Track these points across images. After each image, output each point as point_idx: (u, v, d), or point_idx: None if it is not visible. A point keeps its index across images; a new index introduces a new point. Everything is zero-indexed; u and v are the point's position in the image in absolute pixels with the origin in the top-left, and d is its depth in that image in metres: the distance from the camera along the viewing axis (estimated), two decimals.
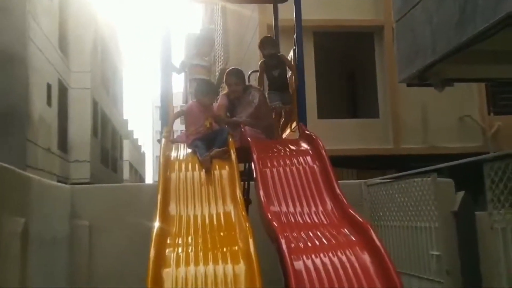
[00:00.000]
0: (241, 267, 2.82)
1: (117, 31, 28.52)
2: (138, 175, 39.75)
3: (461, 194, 7.84)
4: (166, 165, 4.00)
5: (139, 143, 43.96)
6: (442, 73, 5.49)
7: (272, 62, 5.15)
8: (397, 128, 11.66)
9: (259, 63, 5.35)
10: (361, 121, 12.37)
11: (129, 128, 36.04)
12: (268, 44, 5.25)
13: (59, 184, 7.73)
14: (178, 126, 5.97)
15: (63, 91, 16.22)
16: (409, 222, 6.47)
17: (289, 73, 5.41)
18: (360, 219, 3.20)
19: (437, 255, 5.70)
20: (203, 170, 4.00)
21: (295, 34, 5.15)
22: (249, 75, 6.12)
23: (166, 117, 4.90)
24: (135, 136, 40.50)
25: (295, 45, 5.18)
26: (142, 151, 45.84)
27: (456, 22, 4.71)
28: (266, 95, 5.29)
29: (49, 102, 14.46)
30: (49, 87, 14.50)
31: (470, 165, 6.19)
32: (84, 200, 7.13)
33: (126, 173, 30.17)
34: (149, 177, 47.92)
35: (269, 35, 6.00)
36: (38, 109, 13.31)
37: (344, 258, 2.92)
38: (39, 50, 13.62)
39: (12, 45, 12.38)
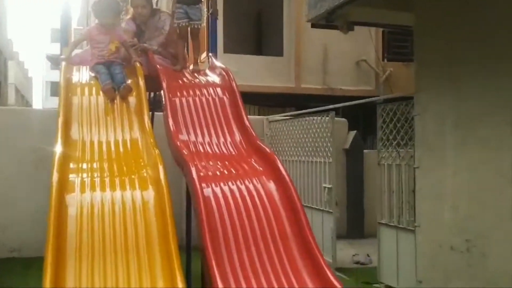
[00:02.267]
0: (150, 193, 2.81)
1: None
2: (24, 100, 36.82)
3: (353, 133, 8.47)
4: (67, 88, 3.75)
5: (25, 66, 40.42)
6: (348, 15, 5.66)
7: None
8: (298, 67, 11.95)
9: None
10: (265, 58, 12.45)
11: (14, 49, 32.84)
12: None
13: None
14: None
15: None
16: (306, 157, 6.86)
17: None
18: (268, 150, 3.33)
19: (329, 187, 6.15)
20: None
21: None
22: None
23: (66, 37, 4.56)
24: (21, 59, 37.08)
25: None
26: (29, 76, 42.30)
27: None
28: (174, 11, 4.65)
29: None
30: None
31: (361, 107, 6.65)
32: None
33: (11, 98, 27.76)
34: (38, 103, 44.62)
35: None
36: None
37: (251, 186, 3.04)
38: None
39: None
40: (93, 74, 4.09)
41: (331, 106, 6.44)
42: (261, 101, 11.71)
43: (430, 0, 4.55)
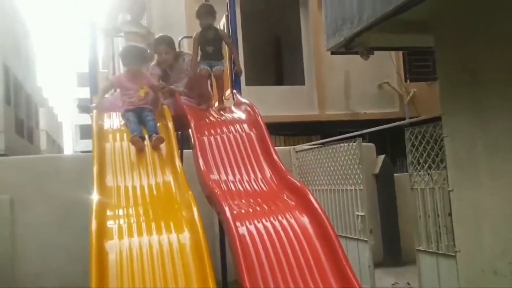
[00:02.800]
0: (186, 235, 2.84)
1: None
2: (56, 145, 37.89)
3: (381, 157, 8.37)
4: (99, 135, 3.87)
5: (55, 112, 41.76)
6: (367, 41, 5.70)
7: (208, 35, 4.75)
8: (321, 95, 12.01)
9: (194, 35, 4.93)
10: (287, 88, 12.58)
11: (44, 95, 34.03)
12: (206, 14, 4.76)
13: None
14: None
15: None
16: (336, 185, 6.80)
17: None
18: (298, 184, 3.34)
19: (361, 215, 6.07)
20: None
21: None
22: (180, 40, 5.98)
23: (95, 84, 4.72)
24: (50, 104, 38.33)
25: (227, 11, 5.11)
26: (59, 120, 43.66)
27: None
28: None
29: None
30: None
31: (388, 130, 6.61)
32: (3, 173, 6.74)
33: (43, 144, 28.62)
34: (68, 147, 45.85)
35: (208, 3, 5.34)
36: None
37: (284, 221, 3.04)
38: None
39: None
40: (123, 121, 4.18)
41: (357, 133, 6.41)
42: (286, 131, 11.77)
43: (450, 20, 4.55)
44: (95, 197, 3.09)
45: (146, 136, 3.95)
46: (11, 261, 6.44)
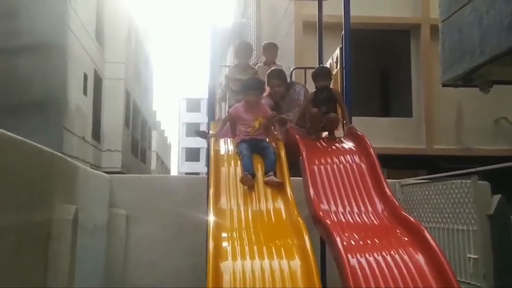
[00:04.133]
0: (297, 262, 2.87)
1: (149, 21, 28.89)
2: (164, 166, 40.28)
3: (497, 197, 7.75)
4: (216, 160, 4.07)
5: (165, 134, 44.52)
6: (488, 74, 5.44)
7: (322, 96, 4.80)
8: (430, 128, 11.53)
9: (308, 94, 5.03)
10: (393, 120, 12.27)
11: (157, 119, 36.50)
12: (323, 76, 4.83)
13: (100, 173, 7.88)
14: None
15: (98, 81, 16.50)
16: (445, 224, 6.42)
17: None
18: (413, 220, 3.22)
19: (474, 258, 5.67)
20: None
21: (343, 32, 5.14)
22: (291, 71, 6.15)
23: (212, 111, 5.00)
24: (162, 127, 40.98)
25: (342, 43, 5.18)
26: (168, 143, 46.42)
27: (508, 24, 4.66)
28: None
29: (85, 92, 14.71)
30: (85, 76, 14.75)
31: (504, 168, 6.13)
32: (122, 190, 7.27)
33: (153, 164, 30.63)
34: (174, 168, 48.49)
35: (325, 66, 5.50)
36: (74, 98, 13.56)
37: (397, 257, 2.94)
38: (77, 39, 13.83)
39: (51, 33, 12.54)
40: (237, 150, 4.27)
41: (472, 170, 6.05)
42: (390, 164, 11.40)
43: None
44: (211, 218, 3.24)
45: (259, 167, 4.04)
46: (123, 273, 6.88)
